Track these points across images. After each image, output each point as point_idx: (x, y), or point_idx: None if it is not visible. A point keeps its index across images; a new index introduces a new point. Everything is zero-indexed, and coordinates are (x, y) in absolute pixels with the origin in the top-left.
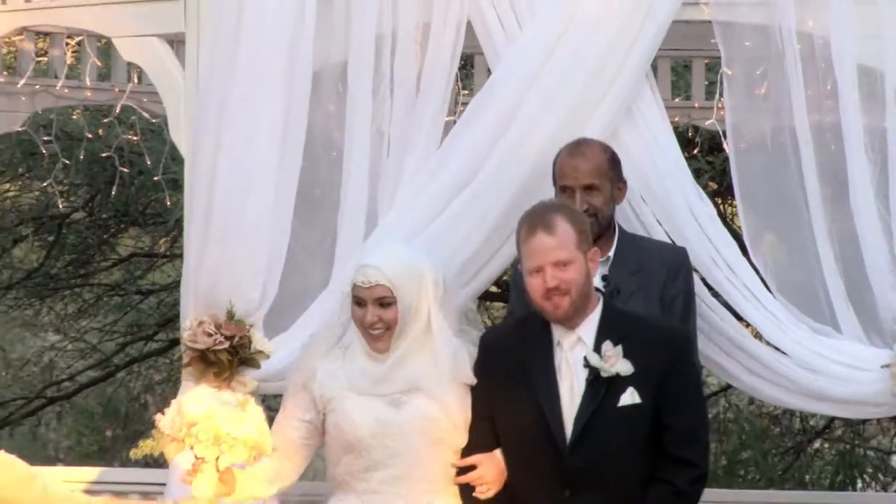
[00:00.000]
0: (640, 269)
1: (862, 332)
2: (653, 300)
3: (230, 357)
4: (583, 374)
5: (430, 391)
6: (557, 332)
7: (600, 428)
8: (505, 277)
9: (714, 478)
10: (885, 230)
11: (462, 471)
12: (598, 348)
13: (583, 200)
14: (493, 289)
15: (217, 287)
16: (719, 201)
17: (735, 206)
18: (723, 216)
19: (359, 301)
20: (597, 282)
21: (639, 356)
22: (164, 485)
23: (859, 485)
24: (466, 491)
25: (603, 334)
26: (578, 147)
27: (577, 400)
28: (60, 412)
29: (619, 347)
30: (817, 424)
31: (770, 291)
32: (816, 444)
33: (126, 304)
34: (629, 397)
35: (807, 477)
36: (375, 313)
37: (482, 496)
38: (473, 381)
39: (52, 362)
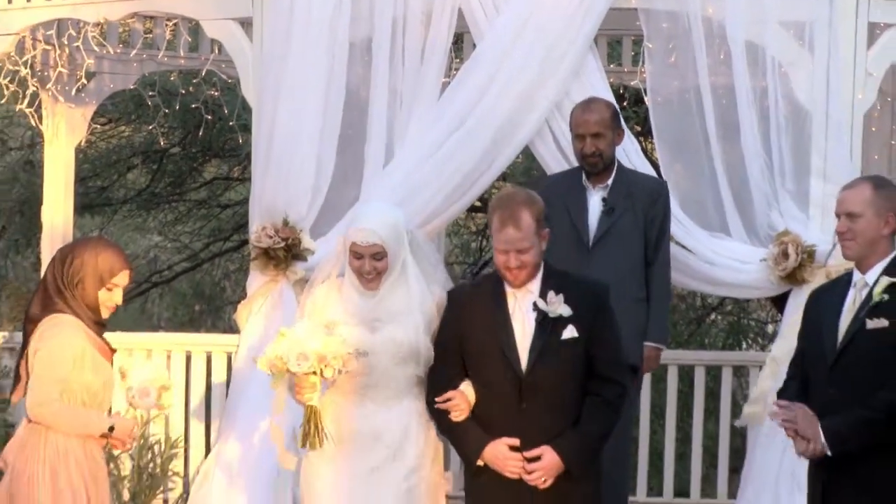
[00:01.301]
0: (630, 195)
1: (745, 236)
2: (638, 217)
3: (285, 253)
4: (531, 315)
5: (400, 321)
6: (510, 286)
7: (549, 356)
8: (486, 196)
9: None
10: (766, 162)
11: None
12: (543, 296)
13: (592, 144)
14: (477, 203)
15: (276, 202)
16: (642, 140)
17: (653, 144)
18: (645, 151)
19: (358, 255)
20: (597, 202)
21: (573, 302)
22: (236, 346)
23: (744, 346)
24: (443, 415)
25: (545, 286)
26: (588, 104)
27: (529, 335)
28: (162, 293)
29: (561, 295)
30: (713, 302)
31: (679, 206)
32: (712, 317)
33: (210, 215)
34: (569, 332)
35: (706, 340)
36: (371, 264)
37: (455, 419)
38: (434, 314)
39: (156, 257)
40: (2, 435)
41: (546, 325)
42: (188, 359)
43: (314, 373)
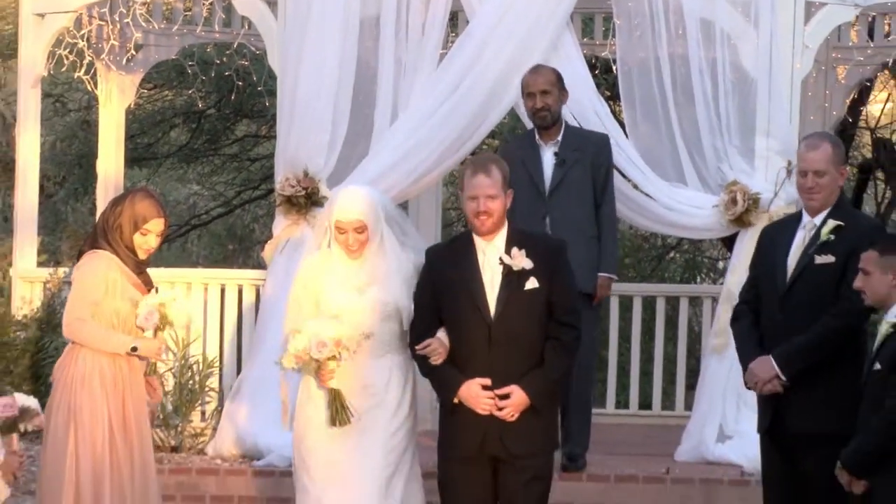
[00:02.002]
0: (578, 148)
1: (700, 185)
2: (586, 167)
3: (305, 200)
4: (498, 269)
5: (382, 284)
6: (480, 243)
7: (514, 304)
8: (477, 151)
9: None
10: (716, 123)
11: (420, 348)
12: (508, 252)
13: (541, 100)
14: (470, 157)
15: (298, 156)
16: (611, 103)
17: (621, 107)
18: (613, 113)
19: (342, 231)
20: (550, 157)
21: (534, 257)
22: (264, 280)
23: (699, 280)
24: (424, 360)
25: (510, 243)
26: (537, 69)
27: (496, 287)
28: (200, 234)
29: (524, 251)
30: (672, 242)
31: (642, 159)
32: (671, 255)
33: (241, 167)
34: (531, 283)
35: (665, 275)
36: (354, 237)
37: (434, 363)
38: (411, 275)
39: (195, 203)
40: None
41: (511, 278)
42: (222, 291)
43: (333, 358)
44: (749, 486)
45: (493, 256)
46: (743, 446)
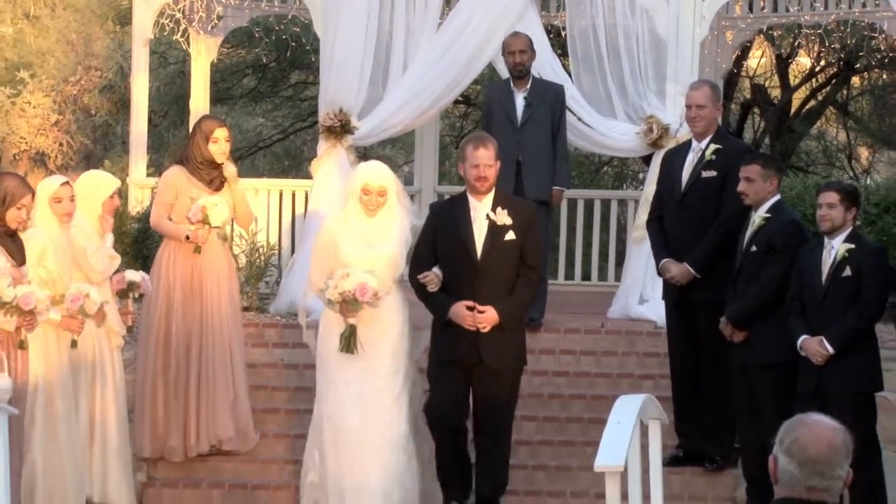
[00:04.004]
0: (541, 94)
1: (626, 119)
2: (546, 108)
3: (341, 129)
4: (485, 223)
5: (388, 241)
6: (472, 202)
7: (496, 251)
8: (466, 93)
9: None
10: (638, 73)
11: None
12: (494, 210)
13: (518, 57)
14: (459, 98)
15: (335, 97)
16: (562, 59)
17: (569, 62)
18: (564, 67)
19: (367, 192)
20: (522, 100)
21: (512, 216)
22: (311, 187)
23: (625, 187)
24: (422, 287)
25: (496, 204)
26: (517, 33)
27: (483, 236)
28: (264, 154)
29: (506, 210)
30: (605, 159)
31: (584, 100)
32: (605, 169)
33: (294, 105)
34: (510, 235)
35: (600, 183)
36: (376, 199)
37: (430, 290)
38: (408, 236)
39: (261, 131)
40: None
41: (495, 230)
42: (280, 195)
43: (368, 303)
44: (660, 336)
45: (482, 213)
46: (656, 308)
